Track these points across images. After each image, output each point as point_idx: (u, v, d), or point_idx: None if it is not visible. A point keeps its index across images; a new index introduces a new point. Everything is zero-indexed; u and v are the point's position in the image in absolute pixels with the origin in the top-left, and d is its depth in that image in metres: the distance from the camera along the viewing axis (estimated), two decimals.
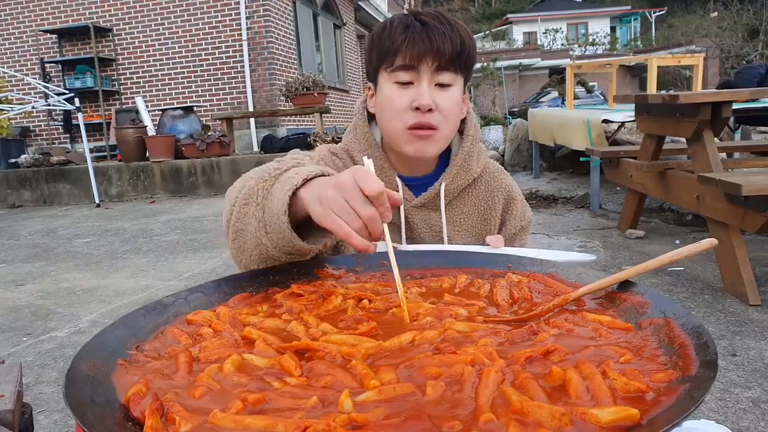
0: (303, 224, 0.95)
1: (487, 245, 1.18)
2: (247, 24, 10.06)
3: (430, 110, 1.16)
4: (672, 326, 0.72)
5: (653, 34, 36.88)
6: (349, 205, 0.82)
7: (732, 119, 6.04)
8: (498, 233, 1.35)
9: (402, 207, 1.27)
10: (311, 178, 0.91)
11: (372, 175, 0.84)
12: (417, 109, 1.16)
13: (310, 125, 10.92)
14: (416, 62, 1.15)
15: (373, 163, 0.94)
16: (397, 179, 1.27)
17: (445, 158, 1.31)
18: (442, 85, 1.18)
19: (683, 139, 4.16)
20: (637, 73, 26.42)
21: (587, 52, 33.48)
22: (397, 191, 1.26)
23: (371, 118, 1.33)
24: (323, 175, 0.93)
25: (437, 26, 1.14)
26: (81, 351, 0.71)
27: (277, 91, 9.89)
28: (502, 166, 1.44)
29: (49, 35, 10.59)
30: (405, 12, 1.21)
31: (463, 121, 1.31)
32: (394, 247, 0.92)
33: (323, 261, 1.09)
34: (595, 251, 4.37)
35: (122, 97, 10.65)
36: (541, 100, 17.89)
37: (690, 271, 3.70)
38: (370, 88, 1.30)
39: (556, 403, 0.57)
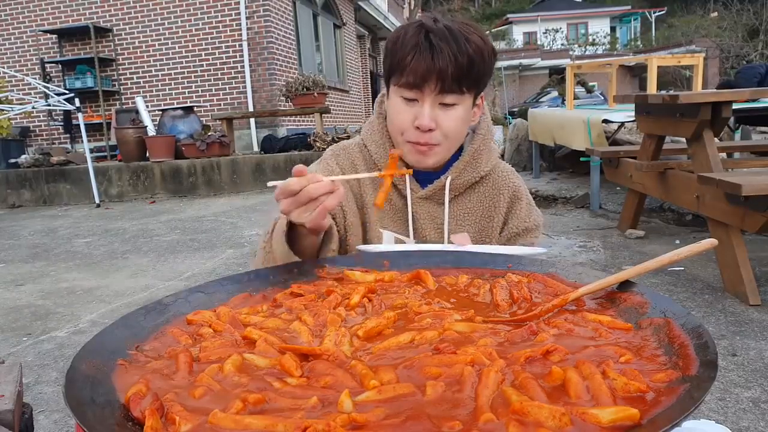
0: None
1: (452, 243, 1.21)
2: (247, 24, 10.06)
3: (430, 129, 1.20)
4: (672, 326, 0.72)
5: (653, 34, 36.89)
6: (301, 205, 1.01)
7: (732, 119, 6.03)
8: (501, 232, 1.35)
9: (408, 198, 1.30)
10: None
11: (286, 183, 1.01)
12: (418, 127, 1.20)
13: (310, 125, 10.92)
14: (420, 83, 1.17)
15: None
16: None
17: (455, 154, 1.33)
18: (446, 104, 1.20)
19: (683, 139, 4.16)
20: (637, 73, 26.43)
21: (587, 52, 33.50)
22: (404, 182, 1.30)
23: None
24: None
25: (443, 47, 1.14)
26: (81, 351, 0.71)
27: (277, 91, 9.89)
28: None
29: (49, 35, 10.59)
30: (420, 19, 1.20)
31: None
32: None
33: (323, 261, 1.09)
34: (595, 251, 4.37)
35: (122, 97, 10.65)
36: (541, 100, 17.89)
37: (690, 271, 3.70)
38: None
39: (556, 403, 0.57)
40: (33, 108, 8.58)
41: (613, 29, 39.87)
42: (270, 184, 1.07)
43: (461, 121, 1.23)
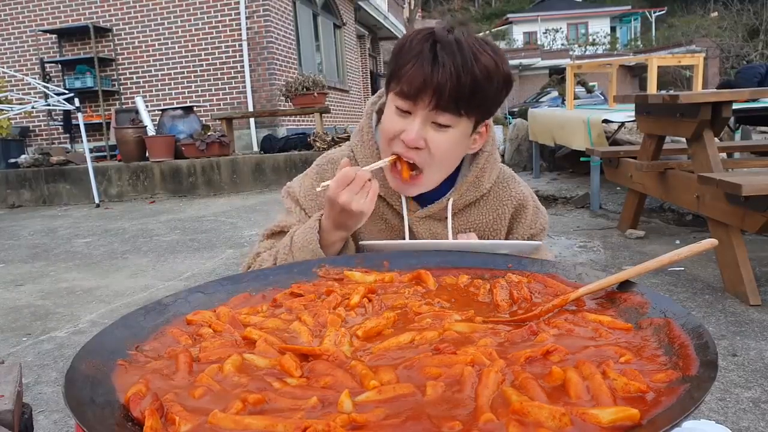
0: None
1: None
2: (247, 24, 10.06)
3: (417, 147, 1.11)
4: (672, 326, 0.72)
5: (653, 34, 36.91)
6: (358, 192, 1.07)
7: (732, 119, 6.03)
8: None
9: (405, 217, 1.25)
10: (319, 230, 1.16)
11: (340, 176, 1.08)
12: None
13: (310, 125, 10.92)
14: (414, 94, 1.07)
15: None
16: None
17: (454, 170, 1.26)
18: (439, 124, 1.10)
19: (683, 139, 4.16)
20: (637, 73, 26.43)
21: (587, 52, 33.52)
22: (400, 202, 1.24)
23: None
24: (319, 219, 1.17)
25: (447, 61, 1.04)
26: (81, 351, 0.71)
27: (276, 91, 9.89)
28: None
29: (49, 35, 10.59)
30: (433, 27, 1.11)
31: None
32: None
33: (323, 261, 1.09)
34: (595, 251, 4.37)
35: (122, 97, 10.65)
36: (541, 100, 17.89)
37: (690, 271, 3.70)
38: (382, 96, 1.27)
39: (556, 404, 0.57)
40: (33, 108, 8.58)
41: (613, 29, 39.88)
42: (322, 185, 1.12)
43: (453, 145, 1.13)
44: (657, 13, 38.89)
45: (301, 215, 1.29)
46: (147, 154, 8.46)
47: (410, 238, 1.26)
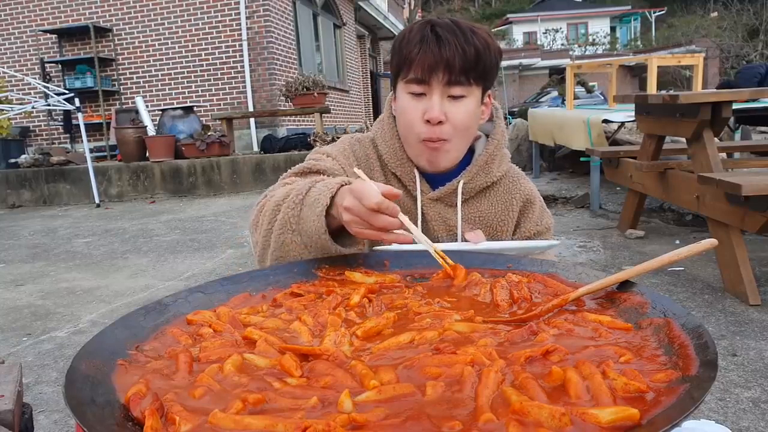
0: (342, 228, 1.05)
1: (467, 242, 1.21)
2: (247, 24, 10.06)
3: (440, 122, 1.19)
4: (672, 326, 0.72)
5: (653, 34, 36.92)
6: (364, 220, 0.96)
7: (732, 119, 6.03)
8: (513, 236, 1.36)
9: (419, 199, 1.30)
10: (334, 195, 1.03)
11: (368, 188, 0.95)
12: (428, 121, 1.19)
13: (310, 125, 10.92)
14: (427, 76, 1.17)
15: (363, 173, 1.09)
16: (415, 171, 1.29)
17: (467, 156, 1.33)
18: (454, 97, 1.20)
19: (683, 139, 4.16)
20: (637, 73, 26.43)
21: (587, 52, 33.52)
22: (414, 182, 1.30)
23: None
24: (345, 184, 1.04)
25: (450, 38, 1.15)
26: (81, 351, 0.71)
27: (277, 91, 9.89)
28: None
29: (49, 35, 10.59)
30: (425, 19, 1.23)
31: (490, 122, 1.35)
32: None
33: (323, 261, 1.09)
34: (595, 251, 4.37)
35: (122, 97, 10.65)
36: (541, 100, 17.89)
37: (690, 271, 3.70)
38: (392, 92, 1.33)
39: (556, 403, 0.57)
40: (33, 108, 8.59)
41: (613, 29, 39.88)
42: (357, 171, 1.10)
43: (471, 114, 1.22)
44: (657, 13, 38.88)
45: (333, 163, 1.28)
46: (147, 154, 8.46)
47: (421, 221, 1.30)
